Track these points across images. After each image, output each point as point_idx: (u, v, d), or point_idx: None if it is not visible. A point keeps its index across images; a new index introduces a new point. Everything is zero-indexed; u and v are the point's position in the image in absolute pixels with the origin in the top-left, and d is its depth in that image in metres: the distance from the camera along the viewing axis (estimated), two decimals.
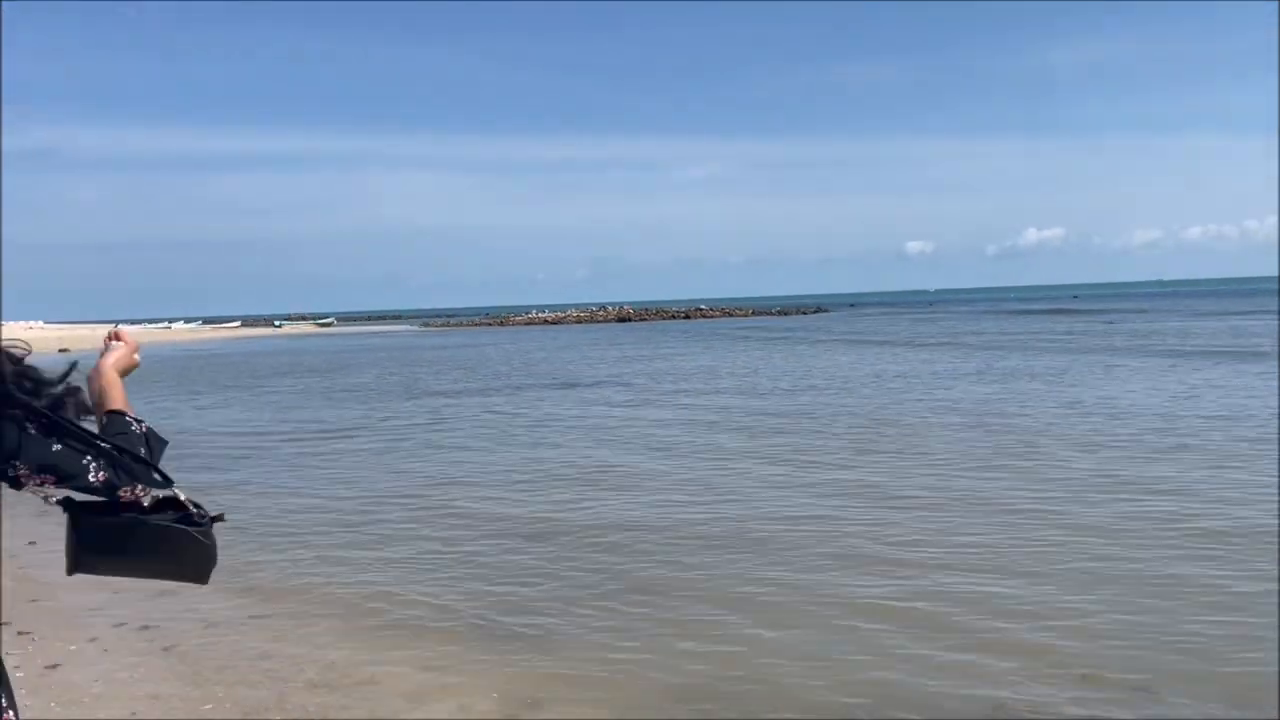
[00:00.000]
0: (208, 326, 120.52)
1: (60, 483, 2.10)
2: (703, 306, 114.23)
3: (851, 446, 15.09)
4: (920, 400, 20.95)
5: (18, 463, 2.05)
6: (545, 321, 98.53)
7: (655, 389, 25.78)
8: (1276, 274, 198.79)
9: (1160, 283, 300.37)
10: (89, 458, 2.12)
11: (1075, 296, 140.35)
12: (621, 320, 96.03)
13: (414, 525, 10.84)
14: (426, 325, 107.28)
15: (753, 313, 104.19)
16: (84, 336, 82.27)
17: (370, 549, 9.77)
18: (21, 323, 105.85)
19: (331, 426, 19.75)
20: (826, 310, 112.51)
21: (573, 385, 27.90)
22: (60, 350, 61.22)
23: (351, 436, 18.29)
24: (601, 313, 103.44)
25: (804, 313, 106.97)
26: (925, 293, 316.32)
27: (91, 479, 2.12)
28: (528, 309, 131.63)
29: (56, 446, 2.08)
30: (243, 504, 11.91)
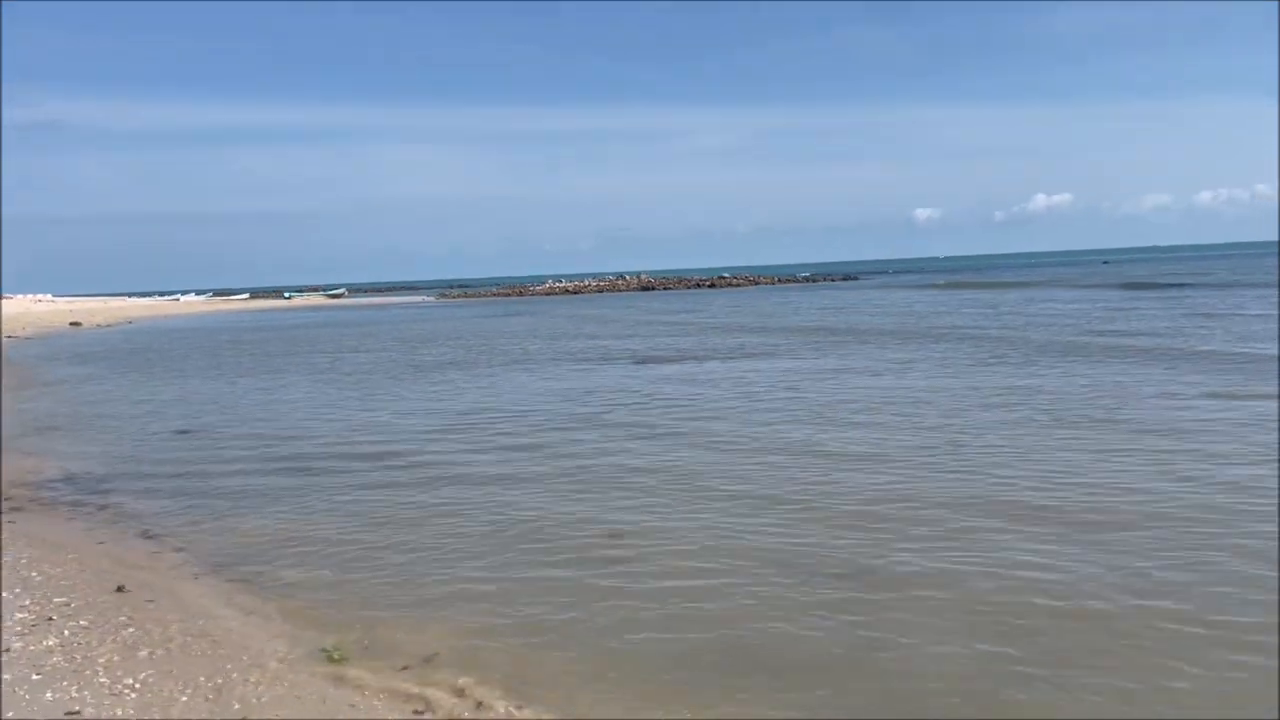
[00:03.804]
0: (218, 299, 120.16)
1: None
2: (726, 275, 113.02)
3: None
4: None
5: None
6: (565, 291, 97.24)
7: None
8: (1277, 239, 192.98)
9: (1158, 249, 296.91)
10: None
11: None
12: (645, 289, 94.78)
13: None
14: (443, 296, 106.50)
15: (778, 281, 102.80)
16: (94, 309, 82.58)
17: None
18: (31, 296, 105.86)
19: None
20: (856, 278, 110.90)
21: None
22: (71, 324, 61.25)
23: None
24: (622, 282, 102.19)
25: (832, 280, 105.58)
26: (936, 259, 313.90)
27: None
28: (543, 279, 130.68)
29: None
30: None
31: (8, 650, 6.35)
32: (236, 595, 7.78)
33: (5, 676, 5.93)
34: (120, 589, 7.86)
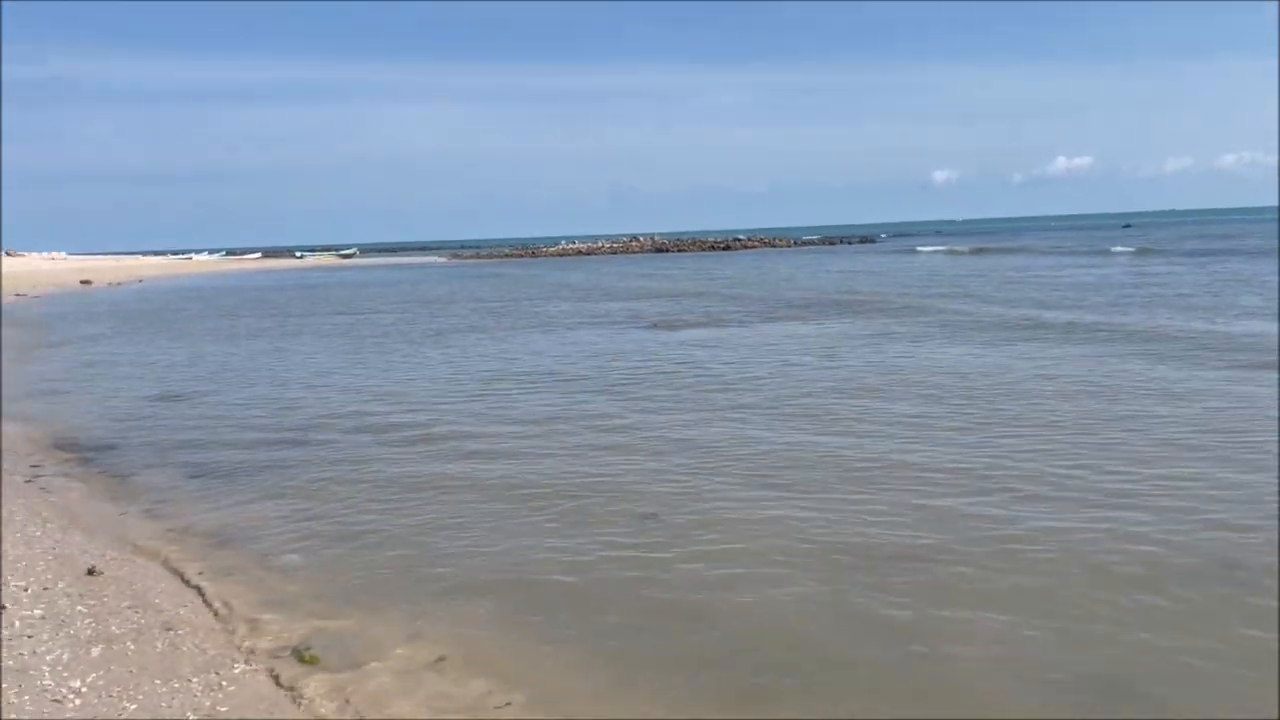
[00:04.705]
0: (230, 258, 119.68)
1: None
2: (741, 238, 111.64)
3: None
4: None
5: None
6: (578, 252, 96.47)
7: None
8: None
9: (1177, 212, 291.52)
10: None
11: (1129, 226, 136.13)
12: (659, 251, 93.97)
13: None
14: (455, 256, 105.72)
15: (794, 244, 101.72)
16: (105, 268, 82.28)
17: None
18: (44, 253, 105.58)
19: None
20: (873, 240, 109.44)
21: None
22: (82, 281, 60.84)
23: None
24: (635, 243, 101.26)
25: (849, 242, 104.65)
26: (953, 222, 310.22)
27: None
28: (555, 240, 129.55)
29: None
30: None
31: None
32: (216, 580, 7.17)
33: None
34: (91, 571, 7.27)
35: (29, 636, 5.93)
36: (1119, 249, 58.96)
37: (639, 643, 5.92)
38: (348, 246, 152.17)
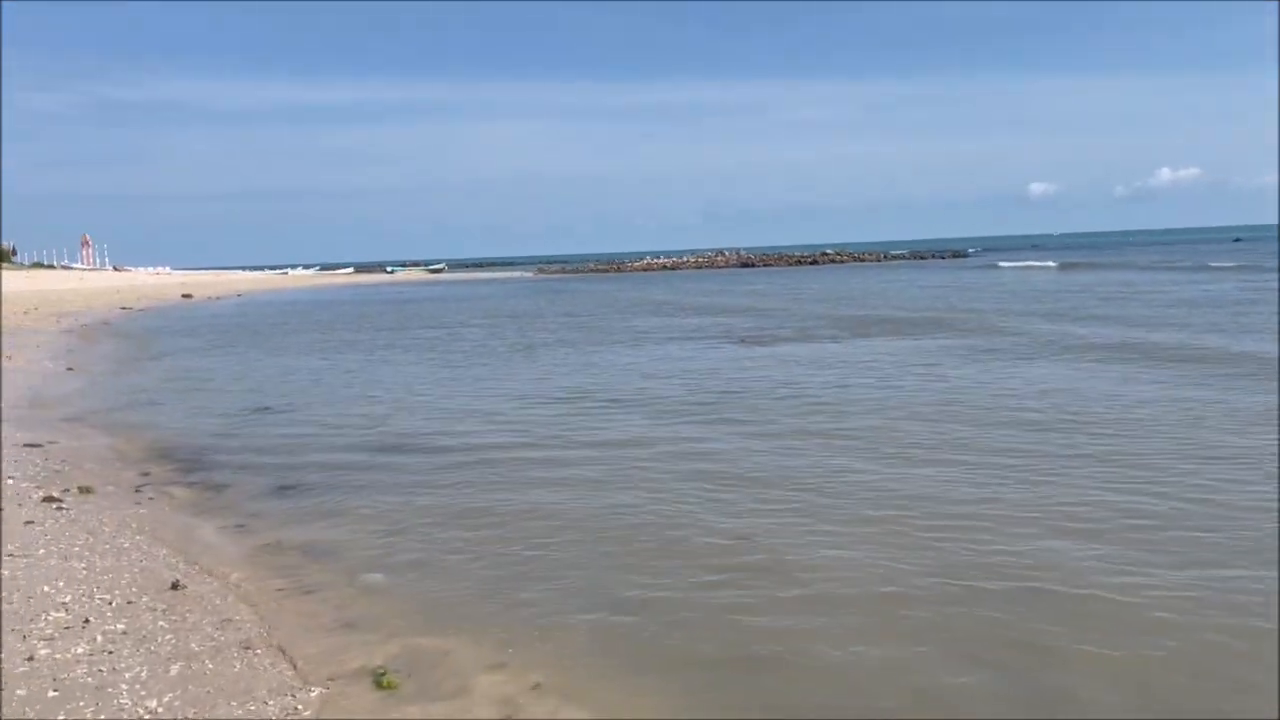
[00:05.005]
0: (324, 273, 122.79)
1: None
2: (829, 251, 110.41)
3: None
4: None
5: None
6: (663, 267, 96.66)
7: None
8: None
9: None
10: None
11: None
12: (744, 265, 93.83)
13: None
14: (541, 272, 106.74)
15: (884, 257, 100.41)
16: (206, 282, 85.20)
17: None
18: (150, 268, 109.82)
19: None
20: (964, 255, 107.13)
21: None
22: (184, 295, 62.98)
23: None
24: (720, 258, 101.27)
25: (941, 257, 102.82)
26: (1050, 236, 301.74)
27: None
28: (640, 255, 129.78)
29: None
30: None
31: (30, 659, 5.65)
32: (298, 598, 6.98)
33: (19, 692, 5.22)
34: (175, 585, 7.17)
35: (109, 652, 5.80)
36: (1221, 264, 56.41)
37: (732, 686, 5.51)
38: (436, 262, 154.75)
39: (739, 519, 8.59)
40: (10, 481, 10.17)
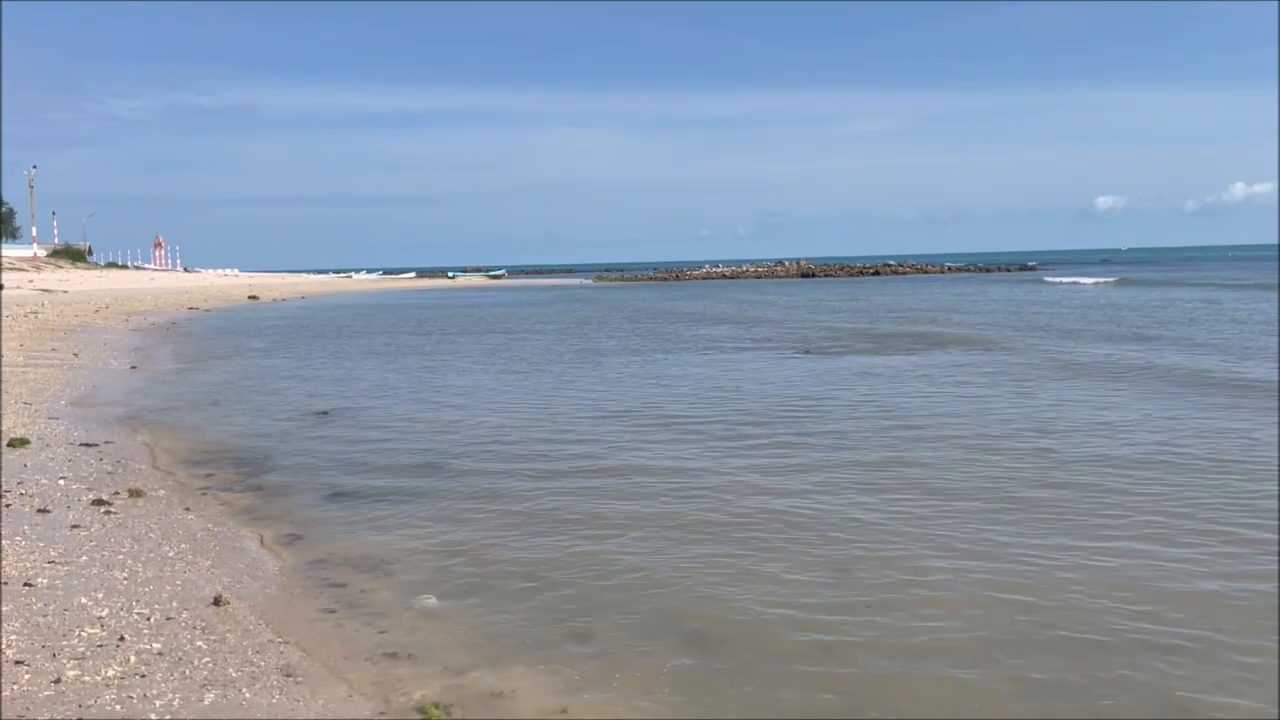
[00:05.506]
0: (387, 277, 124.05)
1: None
2: (891, 263, 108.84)
3: None
4: None
5: None
6: (723, 276, 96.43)
7: None
8: None
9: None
10: None
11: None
12: (805, 275, 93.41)
13: None
14: (600, 279, 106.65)
15: (947, 269, 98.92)
16: (272, 284, 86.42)
17: None
18: (218, 270, 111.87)
19: None
20: (1033, 268, 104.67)
21: None
22: (250, 297, 63.77)
23: None
24: (781, 267, 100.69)
25: (1007, 269, 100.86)
26: (1118, 251, 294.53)
27: None
28: (699, 264, 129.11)
29: None
30: None
31: (57, 681, 5.19)
32: (345, 620, 6.45)
33: (43, 717, 4.75)
34: (218, 600, 6.69)
35: (142, 676, 5.32)
36: None
37: None
38: (496, 268, 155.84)
39: (827, 530, 7.93)
40: (62, 482, 9.86)
